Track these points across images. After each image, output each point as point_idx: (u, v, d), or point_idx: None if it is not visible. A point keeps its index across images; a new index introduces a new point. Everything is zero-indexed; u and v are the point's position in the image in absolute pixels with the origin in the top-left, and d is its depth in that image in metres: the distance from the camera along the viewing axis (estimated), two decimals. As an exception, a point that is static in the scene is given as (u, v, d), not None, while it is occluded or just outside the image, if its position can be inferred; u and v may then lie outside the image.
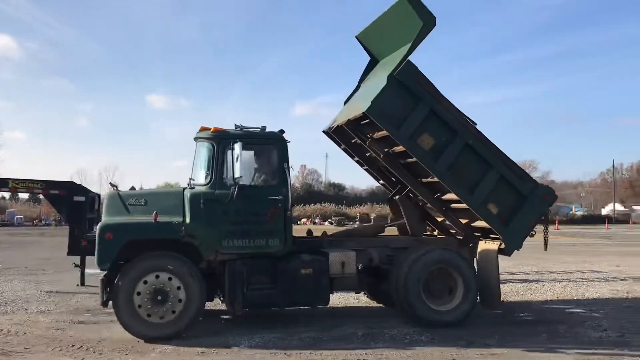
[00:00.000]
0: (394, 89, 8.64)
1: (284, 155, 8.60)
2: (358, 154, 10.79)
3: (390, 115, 8.68)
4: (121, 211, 8.27)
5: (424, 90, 8.81)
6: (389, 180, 10.95)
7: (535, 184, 9.46)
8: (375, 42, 10.35)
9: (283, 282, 8.31)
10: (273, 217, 8.36)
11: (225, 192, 8.15)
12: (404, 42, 9.08)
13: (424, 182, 9.56)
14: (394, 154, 9.37)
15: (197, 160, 8.79)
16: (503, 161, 9.19)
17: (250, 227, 8.28)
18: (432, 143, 8.85)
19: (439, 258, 8.98)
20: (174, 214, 8.12)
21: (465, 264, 9.10)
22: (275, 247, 8.39)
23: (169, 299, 7.85)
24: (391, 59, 9.46)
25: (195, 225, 8.06)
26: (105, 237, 7.79)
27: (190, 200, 8.15)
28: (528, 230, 9.25)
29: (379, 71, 9.93)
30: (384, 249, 9.33)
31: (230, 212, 8.18)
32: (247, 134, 8.49)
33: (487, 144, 9.16)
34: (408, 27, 8.86)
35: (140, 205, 8.31)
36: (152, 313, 7.80)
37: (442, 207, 9.76)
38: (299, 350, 7.36)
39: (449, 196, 9.33)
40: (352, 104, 10.09)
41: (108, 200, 8.50)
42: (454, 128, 8.91)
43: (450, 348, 7.53)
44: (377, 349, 7.41)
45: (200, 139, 8.71)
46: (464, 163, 8.96)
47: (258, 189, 8.48)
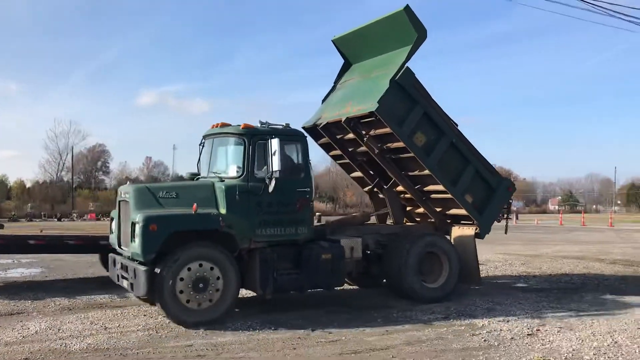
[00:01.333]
0: (395, 92, 9.83)
1: (307, 151, 9.37)
2: (342, 149, 11.63)
3: (393, 115, 9.85)
4: (153, 204, 8.50)
5: (419, 94, 10.10)
6: (368, 174, 11.92)
7: (501, 177, 11.17)
8: (352, 47, 11.57)
9: (307, 267, 9.01)
10: (302, 207, 9.10)
11: (257, 185, 8.69)
12: (391, 50, 10.42)
13: (409, 175, 10.86)
14: (387, 149, 10.57)
15: (219, 155, 9.47)
16: (478, 158, 10.70)
17: (282, 216, 8.92)
18: (424, 141, 10.17)
19: (432, 242, 10.24)
20: (206, 205, 8.49)
21: (451, 247, 10.42)
22: (303, 234, 9.14)
23: (209, 286, 8.21)
24: (376, 64, 10.77)
25: (231, 216, 8.49)
26: (150, 229, 7.96)
27: (225, 192, 8.56)
28: (496, 216, 10.99)
29: (362, 73, 11.16)
30: (376, 235, 10.43)
31: (263, 203, 8.74)
32: (278, 130, 9.10)
33: (466, 143, 10.62)
34: (400, 37, 10.08)
35: (172, 198, 8.64)
36: (192, 299, 8.13)
37: (421, 197, 11.13)
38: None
39: (431, 187, 10.75)
40: (344, 103, 10.83)
41: (137, 194, 8.64)
42: (442, 128, 10.31)
43: (292, 336, 7.70)
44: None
45: (225, 135, 9.32)
46: (448, 159, 10.38)
47: (288, 182, 8.91)
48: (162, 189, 8.92)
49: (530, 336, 7.66)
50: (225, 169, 9.18)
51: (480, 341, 7.44)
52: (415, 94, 10.06)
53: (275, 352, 6.94)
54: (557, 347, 7.10)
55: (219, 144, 9.52)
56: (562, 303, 9.96)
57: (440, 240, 10.46)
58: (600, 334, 7.70)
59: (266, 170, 8.66)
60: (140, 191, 8.73)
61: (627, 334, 7.69)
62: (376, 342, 7.38)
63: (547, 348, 7.08)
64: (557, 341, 7.38)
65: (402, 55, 10.03)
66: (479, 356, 6.74)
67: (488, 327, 8.16)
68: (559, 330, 7.93)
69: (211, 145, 9.57)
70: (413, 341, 7.44)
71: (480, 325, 8.29)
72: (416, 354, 6.86)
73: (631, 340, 7.36)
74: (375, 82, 10.39)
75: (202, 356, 6.79)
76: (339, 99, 11.25)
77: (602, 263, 16.33)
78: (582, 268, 15.12)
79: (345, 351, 6.98)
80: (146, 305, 9.71)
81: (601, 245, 22.50)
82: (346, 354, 6.87)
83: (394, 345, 7.26)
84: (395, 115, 9.92)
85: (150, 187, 8.97)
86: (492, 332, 7.90)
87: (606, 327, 8.14)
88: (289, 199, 8.98)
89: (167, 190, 8.83)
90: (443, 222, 11.22)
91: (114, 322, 8.50)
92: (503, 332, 7.89)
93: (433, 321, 8.60)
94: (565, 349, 7.02)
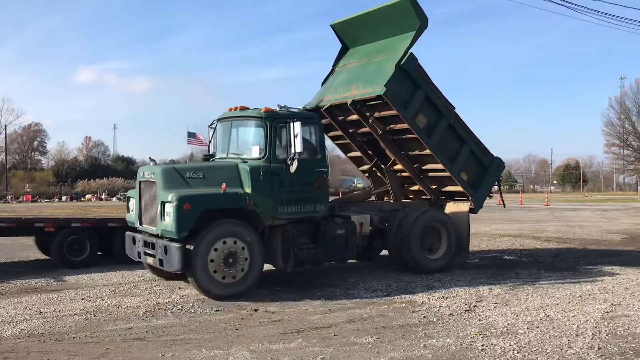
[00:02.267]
0: (400, 76, 10.36)
1: (323, 133, 10.12)
2: (342, 130, 12.07)
3: (399, 98, 10.39)
4: (181, 184, 8.87)
5: (421, 79, 10.66)
6: (366, 154, 12.47)
7: (492, 156, 11.75)
8: (351, 32, 12.01)
9: (324, 241, 9.65)
10: (320, 186, 9.72)
11: (279, 165, 9.21)
12: (392, 35, 10.94)
13: (409, 154, 11.50)
14: (390, 130, 11.14)
15: (239, 137, 9.94)
16: (472, 138, 11.38)
17: (302, 195, 9.51)
18: (425, 122, 10.77)
19: (433, 217, 11.08)
20: (231, 185, 8.92)
21: (450, 222, 11.20)
22: (321, 212, 9.78)
23: (238, 261, 8.67)
24: (378, 48, 11.24)
25: (256, 195, 8.99)
26: (183, 208, 8.31)
27: (250, 172, 9.02)
28: (488, 192, 11.85)
29: (362, 57, 11.59)
30: (379, 212, 11.18)
31: (285, 182, 9.29)
32: (297, 113, 9.67)
33: (462, 124, 11.27)
34: (402, 25, 10.65)
35: (199, 179, 9.05)
36: (223, 273, 8.58)
37: (419, 175, 11.79)
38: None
39: (429, 166, 11.42)
40: (348, 86, 11.19)
41: (164, 174, 8.97)
42: (441, 110, 10.93)
43: (235, 317, 7.67)
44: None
45: (245, 118, 9.76)
46: (447, 139, 11.03)
47: (308, 162, 9.46)
48: (189, 169, 9.32)
49: (468, 312, 7.88)
50: (246, 150, 9.60)
51: (420, 318, 7.60)
52: (418, 78, 10.65)
53: (217, 333, 6.89)
54: (493, 322, 7.33)
55: (238, 127, 9.99)
56: (499, 279, 10.29)
57: (442, 215, 11.34)
58: (533, 309, 8.00)
59: (287, 151, 9.18)
60: (168, 172, 9.09)
61: (559, 308, 8.02)
62: (318, 321, 7.43)
63: (484, 323, 7.30)
64: (493, 316, 7.62)
65: (405, 41, 10.58)
66: (419, 332, 6.88)
67: (427, 304, 8.35)
68: (495, 306, 8.19)
69: (229, 128, 10.02)
70: (355, 319, 7.53)
71: (420, 302, 8.47)
72: (357, 331, 6.95)
73: (562, 314, 7.68)
74: (379, 66, 10.87)
75: (141, 339, 6.67)
76: (342, 82, 11.66)
77: (537, 240, 16.95)
78: (518, 245, 15.65)
79: (287, 330, 7.00)
80: (84, 289, 9.48)
81: (537, 223, 23.34)
82: (289, 333, 6.89)
83: (336, 323, 7.33)
84: (400, 98, 10.45)
85: (178, 167, 9.38)
86: (432, 308, 8.09)
87: (539, 302, 8.46)
88: (308, 178, 9.56)
89: (194, 170, 9.22)
90: (437, 199, 11.96)
91: (50, 307, 8.25)
92: (442, 308, 8.09)
93: (375, 299, 8.73)
94: (501, 323, 7.26)
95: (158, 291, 9.36)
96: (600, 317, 7.54)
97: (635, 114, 79.62)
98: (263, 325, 7.27)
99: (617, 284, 9.82)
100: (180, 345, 6.41)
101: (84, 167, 67.31)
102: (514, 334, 6.80)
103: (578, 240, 16.97)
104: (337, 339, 6.65)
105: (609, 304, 8.28)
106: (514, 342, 6.45)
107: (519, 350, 6.17)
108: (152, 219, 9.09)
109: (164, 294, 9.11)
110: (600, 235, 18.64)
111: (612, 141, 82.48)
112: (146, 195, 9.42)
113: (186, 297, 8.82)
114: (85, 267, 11.35)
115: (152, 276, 10.60)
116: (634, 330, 6.94)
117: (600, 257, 13.33)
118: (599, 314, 7.67)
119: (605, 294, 9.00)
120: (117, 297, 8.91)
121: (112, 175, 62.94)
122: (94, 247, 11.80)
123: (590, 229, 20.79)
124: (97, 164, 71.60)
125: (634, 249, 15.01)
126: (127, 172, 68.22)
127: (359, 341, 6.54)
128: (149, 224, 9.27)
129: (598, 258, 13.10)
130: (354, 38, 12.08)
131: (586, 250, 14.61)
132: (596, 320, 7.34)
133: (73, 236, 11.55)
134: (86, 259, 11.62)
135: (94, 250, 11.82)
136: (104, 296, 8.99)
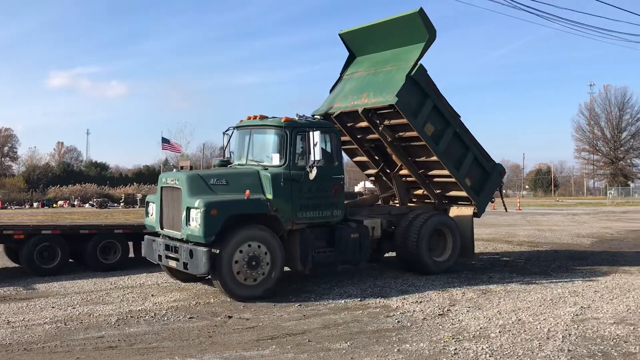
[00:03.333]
0: (410, 87, 10.76)
1: (340, 141, 10.57)
2: (351, 135, 12.40)
3: (409, 107, 10.79)
4: (206, 191, 9.16)
5: (430, 89, 11.07)
6: (373, 159, 12.89)
7: (494, 163, 12.22)
8: (359, 42, 12.43)
9: (339, 245, 10.01)
10: (337, 192, 10.10)
11: (299, 173, 9.58)
12: (401, 46, 11.38)
13: (415, 161, 11.91)
14: (400, 138, 11.56)
15: (259, 144, 10.28)
16: (476, 145, 11.83)
17: (320, 201, 9.88)
18: (432, 130, 11.18)
19: (441, 220, 11.51)
20: (253, 191, 9.24)
21: (455, 225, 11.67)
22: (337, 217, 10.17)
23: (261, 264, 9.01)
24: (386, 58, 11.64)
25: (277, 201, 9.34)
26: (211, 213, 8.61)
27: (271, 179, 9.37)
28: (490, 197, 12.40)
29: (371, 66, 11.98)
30: (387, 215, 11.52)
31: (303, 189, 9.65)
32: (315, 123, 10.13)
33: (467, 132, 11.70)
34: (411, 36, 11.08)
35: (222, 185, 9.34)
36: (246, 276, 8.89)
37: (425, 181, 12.18)
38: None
39: (435, 172, 11.82)
40: (358, 95, 11.53)
41: (189, 181, 9.22)
42: (448, 119, 11.34)
43: (208, 324, 7.61)
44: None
45: (265, 127, 10.13)
46: (453, 146, 11.46)
47: (325, 170, 9.79)
48: (213, 176, 9.52)
49: (441, 316, 7.95)
50: (266, 158, 9.92)
51: (394, 322, 7.64)
52: (427, 89, 11.05)
53: (191, 341, 6.84)
54: (465, 326, 7.40)
55: (257, 135, 10.35)
56: (472, 283, 10.40)
57: (448, 219, 11.80)
58: (505, 312, 8.10)
59: (306, 159, 9.54)
60: (193, 179, 9.33)
61: (530, 312, 8.13)
62: (293, 327, 7.42)
63: (457, 327, 7.37)
64: (466, 320, 7.70)
65: (414, 52, 10.99)
66: (392, 337, 6.92)
67: (402, 309, 8.40)
68: (468, 310, 8.27)
69: (248, 136, 10.37)
70: (329, 324, 7.55)
71: (395, 307, 8.52)
72: (332, 337, 6.96)
73: (533, 318, 7.79)
74: (389, 76, 11.30)
75: (113, 347, 6.59)
76: (352, 90, 12.00)
77: (509, 244, 17.18)
78: (491, 249, 15.84)
79: (262, 337, 6.97)
80: (55, 297, 9.33)
81: (509, 227, 23.65)
82: (263, 339, 6.86)
83: (310, 329, 7.33)
84: (411, 107, 10.84)
85: (202, 174, 9.64)
86: (405, 313, 8.14)
87: (511, 305, 8.57)
88: (326, 185, 9.93)
89: (218, 177, 9.47)
90: (441, 203, 12.34)
91: (19, 316, 8.09)
92: (416, 312, 8.15)
93: (349, 304, 8.76)
94: (473, 327, 7.34)
95: (131, 299, 9.26)
96: (571, 319, 7.66)
97: (604, 120, 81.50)
98: (237, 332, 7.23)
99: (587, 287, 10.00)
100: (153, 354, 6.34)
101: (56, 173, 66.30)
102: (486, 337, 6.88)
103: (549, 244, 17.23)
104: (311, 345, 6.65)
105: (579, 306, 8.43)
106: (486, 345, 6.52)
107: (491, 353, 6.24)
108: (175, 223, 9.40)
109: (137, 302, 9.00)
110: (571, 239, 18.96)
111: (582, 146, 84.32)
112: (168, 201, 9.71)
113: (159, 305, 8.73)
114: (56, 275, 11.16)
115: (124, 283, 10.51)
116: (603, 332, 7.07)
117: (571, 260, 13.55)
118: (569, 317, 7.80)
119: (575, 297, 9.16)
120: (89, 305, 8.78)
121: (85, 181, 62.19)
122: (65, 255, 11.60)
123: (561, 233, 21.13)
124: (70, 170, 70.65)
125: (603, 252, 15.30)
126: (101, 178, 67.48)
127: (334, 347, 6.55)
128: (171, 228, 9.56)
129: (569, 261, 13.31)
130: (362, 47, 12.49)
131: (557, 254, 14.84)
132: (566, 323, 7.46)
133: (43, 243, 11.34)
134: (57, 266, 11.42)
135: (65, 257, 11.62)
136: (75, 304, 8.84)
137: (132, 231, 12.36)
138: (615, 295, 9.28)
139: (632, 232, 21.66)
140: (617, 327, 7.29)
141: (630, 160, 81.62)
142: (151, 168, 71.05)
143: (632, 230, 22.46)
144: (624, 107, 79.95)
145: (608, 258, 14.07)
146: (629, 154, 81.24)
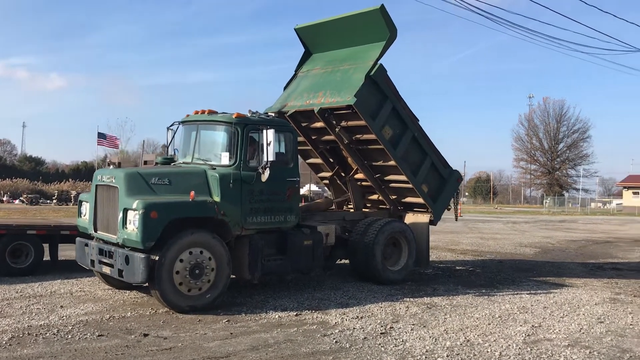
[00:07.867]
0: (369, 87, 10.26)
1: (296, 141, 9.72)
2: (305, 136, 11.74)
3: (368, 109, 10.27)
4: (146, 190, 8.29)
5: (389, 90, 10.60)
6: (327, 162, 12.29)
7: (452, 170, 11.84)
8: (315, 38, 11.86)
9: (292, 252, 9.33)
10: (291, 195, 9.38)
11: (250, 174, 8.83)
12: (360, 44, 10.86)
13: (373, 165, 11.38)
14: (357, 140, 11.03)
15: (207, 142, 9.45)
16: (434, 151, 11.45)
17: (273, 205, 9.14)
18: (391, 134, 10.71)
19: (397, 228, 10.92)
20: (199, 193, 8.42)
21: (411, 233, 11.07)
22: (291, 222, 9.45)
23: (204, 272, 8.18)
24: (344, 56, 11.14)
25: (225, 204, 8.56)
26: (150, 216, 7.78)
27: (220, 180, 8.57)
28: (447, 204, 11.87)
29: (327, 64, 11.45)
30: (342, 221, 10.96)
31: (255, 191, 8.90)
32: (270, 120, 9.35)
33: (425, 137, 11.30)
34: (371, 34, 10.57)
35: (165, 185, 8.48)
36: (189, 285, 8.07)
37: (380, 186, 11.66)
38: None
39: (391, 177, 11.34)
40: (314, 93, 10.94)
41: (127, 179, 8.34)
42: (407, 123, 10.93)
43: (119, 343, 6.62)
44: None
45: (214, 122, 9.30)
46: (411, 151, 11.06)
47: (279, 171, 9.05)
48: (154, 174, 8.63)
49: (384, 335, 7.21)
50: (214, 157, 9.12)
51: (332, 343, 6.85)
52: (387, 90, 10.57)
53: (94, 366, 5.83)
54: (410, 348, 6.68)
55: (205, 131, 9.51)
56: (415, 296, 9.75)
57: (404, 227, 11.16)
58: (453, 332, 7.44)
59: (258, 159, 8.83)
60: (131, 177, 8.45)
61: (479, 331, 7.51)
62: (217, 349, 6.51)
63: (400, 350, 6.64)
64: (410, 340, 6.99)
65: (374, 51, 10.46)
66: (329, 362, 6.12)
67: (341, 326, 7.63)
68: (412, 328, 7.57)
69: (195, 132, 9.47)
70: (259, 345, 6.68)
71: (333, 324, 7.74)
72: (260, 361, 6.10)
73: (482, 339, 7.16)
74: (347, 75, 10.76)
75: (-3, 375, 5.52)
76: (307, 88, 11.40)
77: (453, 253, 16.73)
78: (434, 258, 15.26)
79: (179, 361, 6.04)
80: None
81: (452, 235, 23.32)
82: (180, 364, 5.93)
83: (236, 351, 6.44)
84: (369, 109, 10.33)
85: (142, 172, 8.74)
86: (345, 331, 7.37)
87: (458, 323, 7.93)
88: (280, 187, 9.22)
89: (160, 176, 8.59)
90: (396, 209, 11.83)
91: None
92: (356, 330, 7.39)
93: (284, 320, 7.91)
94: (419, 350, 6.63)
95: (35, 310, 8.10)
96: (522, 341, 7.07)
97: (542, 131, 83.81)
98: (150, 354, 6.25)
99: (536, 302, 9.50)
100: (44, 383, 5.32)
101: (-18, 167, 62.54)
102: (433, 362, 6.17)
103: (493, 254, 16.88)
104: (235, 371, 5.77)
105: (530, 325, 7.87)
106: (434, 373, 5.80)
107: (439, 383, 5.53)
108: (111, 226, 8.54)
109: (41, 315, 7.86)
110: (514, 248, 18.72)
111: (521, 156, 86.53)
112: (104, 201, 8.82)
113: (66, 319, 7.63)
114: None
115: (33, 291, 9.35)
116: (558, 357, 6.49)
117: (517, 271, 13.14)
118: (521, 338, 7.20)
119: (524, 313, 8.61)
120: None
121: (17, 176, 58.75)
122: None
123: (503, 241, 20.93)
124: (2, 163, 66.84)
125: (547, 262, 15.03)
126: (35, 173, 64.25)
127: (261, 374, 5.68)
128: (106, 231, 8.70)
129: (514, 273, 12.89)
130: (319, 43, 11.93)
131: (502, 264, 14.45)
132: (518, 346, 6.85)
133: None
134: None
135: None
136: (-33, 317, 7.66)
137: (47, 232, 11.11)
138: (565, 312, 8.80)
139: (573, 242, 21.71)
140: (572, 351, 6.73)
141: (565, 170, 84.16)
142: (89, 164, 68.00)
143: (572, 240, 22.54)
144: (562, 119, 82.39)
145: (553, 270, 13.75)
146: (564, 165, 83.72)
